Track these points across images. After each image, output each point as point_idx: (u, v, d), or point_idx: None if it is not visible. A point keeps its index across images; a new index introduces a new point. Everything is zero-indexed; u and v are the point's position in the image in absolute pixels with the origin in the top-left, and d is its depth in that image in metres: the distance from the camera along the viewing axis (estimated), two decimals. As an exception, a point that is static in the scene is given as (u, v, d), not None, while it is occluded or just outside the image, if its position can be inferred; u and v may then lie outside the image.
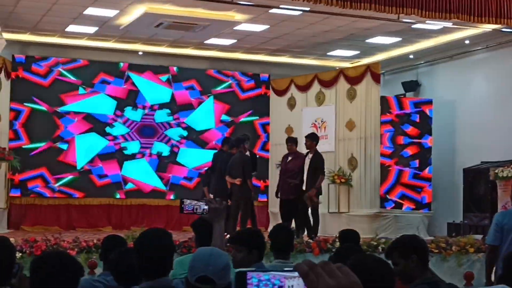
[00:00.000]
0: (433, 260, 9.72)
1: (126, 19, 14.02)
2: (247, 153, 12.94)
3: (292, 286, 1.54)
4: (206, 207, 4.49)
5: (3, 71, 14.74)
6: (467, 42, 15.31)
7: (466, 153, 15.66)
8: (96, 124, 16.15)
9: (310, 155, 12.62)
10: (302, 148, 13.15)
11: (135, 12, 13.57)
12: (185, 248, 9.41)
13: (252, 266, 4.96)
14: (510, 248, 6.41)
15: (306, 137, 12.89)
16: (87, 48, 16.02)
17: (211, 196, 13.17)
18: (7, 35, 14.45)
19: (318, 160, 12.53)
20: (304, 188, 12.47)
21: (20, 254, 8.65)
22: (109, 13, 13.62)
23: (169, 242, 4.10)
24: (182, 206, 4.43)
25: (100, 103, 16.24)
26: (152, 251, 3.93)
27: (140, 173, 16.44)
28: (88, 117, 16.10)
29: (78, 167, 15.95)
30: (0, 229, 13.81)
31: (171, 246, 4.12)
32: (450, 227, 15.03)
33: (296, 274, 1.50)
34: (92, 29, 14.87)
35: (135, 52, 16.45)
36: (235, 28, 14.58)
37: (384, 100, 15.53)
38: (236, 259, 4.92)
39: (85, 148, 16.02)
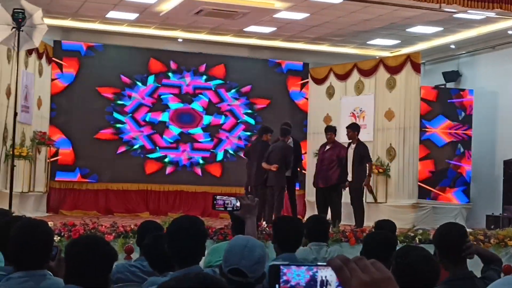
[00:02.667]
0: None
1: (166, 6, 14.06)
2: (290, 142, 12.89)
3: (326, 276, 1.54)
4: (237, 203, 4.50)
5: (44, 56, 14.89)
6: (510, 32, 15.07)
7: (507, 144, 15.46)
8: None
9: (353, 145, 12.57)
10: (340, 137, 13.11)
11: (176, -1, 13.61)
12: (221, 235, 9.43)
13: (283, 257, 4.94)
14: None
15: (347, 127, 12.84)
16: (127, 35, 16.10)
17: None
18: (49, 21, 14.57)
19: (364, 149, 12.53)
20: (350, 178, 12.43)
21: (59, 237, 8.75)
22: (150, -1, 13.69)
23: (201, 229, 4.05)
24: (214, 202, 4.45)
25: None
26: (182, 238, 3.92)
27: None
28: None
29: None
30: (40, 212, 14.01)
31: (203, 233, 4.07)
32: (489, 219, 14.87)
33: (330, 268, 1.50)
34: (132, 16, 14.95)
35: (174, 39, 16.49)
36: (275, 15, 14.54)
37: (423, 90, 15.39)
38: None
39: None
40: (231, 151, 16.94)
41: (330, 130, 13.00)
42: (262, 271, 3.61)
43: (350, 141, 12.67)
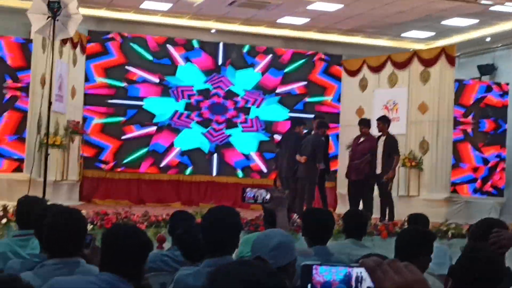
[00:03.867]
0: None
1: (200, -3, 14.10)
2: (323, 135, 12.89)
3: (361, 272, 1.54)
4: (267, 195, 4.50)
5: (78, 46, 14.99)
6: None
7: (542, 139, 15.28)
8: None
9: (382, 138, 12.53)
10: (373, 130, 13.07)
11: (209, -10, 13.64)
12: (252, 226, 9.46)
13: (315, 249, 4.91)
14: None
15: (377, 120, 12.81)
16: (161, 25, 16.17)
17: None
18: (84, 10, 14.67)
19: (392, 142, 12.47)
20: (379, 171, 12.40)
21: (92, 226, 8.84)
22: (184, -10, 13.72)
23: (236, 221, 4.07)
24: (244, 194, 4.45)
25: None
26: (218, 229, 3.94)
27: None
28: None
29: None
30: (72, 201, 14.13)
31: (238, 225, 4.09)
32: (523, 214, 14.72)
33: (362, 267, 1.51)
34: (166, 6, 15.00)
35: (207, 29, 16.52)
36: (308, 7, 14.50)
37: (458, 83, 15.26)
38: None
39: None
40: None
41: (364, 123, 12.97)
42: (285, 259, 3.59)
43: (380, 133, 12.63)
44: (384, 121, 12.70)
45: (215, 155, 16.66)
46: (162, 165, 16.23)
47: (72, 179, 14.53)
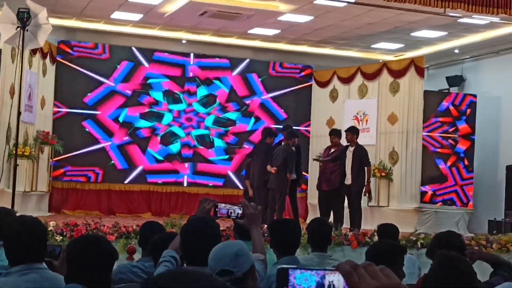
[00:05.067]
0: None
1: (171, 7, 14.07)
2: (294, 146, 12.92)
3: (332, 281, 1.54)
4: (240, 211, 4.48)
5: (48, 56, 14.90)
6: (514, 37, 15.08)
7: (510, 149, 15.45)
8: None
9: (351, 148, 12.59)
10: (344, 140, 13.13)
11: (180, 0, 13.61)
12: (223, 237, 9.44)
13: (285, 260, 4.92)
14: None
15: (346, 130, 12.87)
16: (132, 35, 16.11)
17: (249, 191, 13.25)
18: (54, 20, 14.60)
19: (362, 153, 12.52)
20: (349, 182, 12.43)
21: (61, 237, 8.76)
22: (155, 0, 13.68)
23: (216, 232, 4.08)
24: (216, 210, 4.42)
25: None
26: (196, 239, 3.95)
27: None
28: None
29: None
30: (42, 212, 14.02)
31: (218, 236, 4.09)
32: (491, 225, 14.85)
33: (337, 272, 1.51)
34: (137, 16, 14.96)
35: (178, 40, 16.50)
36: (279, 18, 14.55)
37: (427, 95, 15.39)
38: None
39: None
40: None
41: (335, 134, 13.05)
42: (247, 264, 3.60)
43: (348, 144, 12.70)
44: (353, 132, 12.76)
45: (187, 165, 16.58)
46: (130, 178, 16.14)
47: (42, 190, 14.41)
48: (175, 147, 16.48)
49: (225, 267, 3.56)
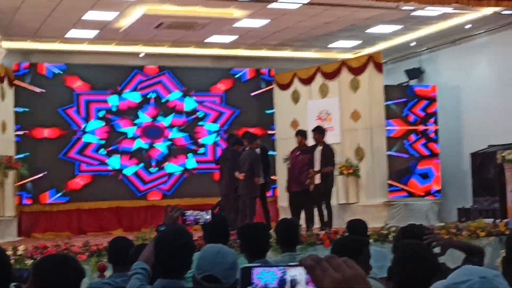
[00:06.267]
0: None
1: (126, 21, 14.02)
2: (258, 150, 12.94)
3: (295, 276, 1.54)
4: (208, 216, 4.47)
5: (5, 80, 14.76)
6: (468, 26, 15.25)
7: (473, 137, 15.62)
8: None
9: (319, 148, 12.64)
10: (310, 141, 13.19)
11: (135, 14, 13.57)
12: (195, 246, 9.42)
13: (257, 262, 4.94)
14: None
15: (313, 130, 12.93)
16: (89, 53, 16.02)
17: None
18: (8, 43, 14.49)
19: (329, 152, 12.59)
20: (317, 181, 12.51)
21: (32, 260, 8.68)
22: (109, 16, 13.62)
23: (188, 242, 4.05)
24: (184, 217, 4.39)
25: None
26: (169, 250, 3.93)
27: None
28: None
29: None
30: (11, 237, 13.84)
31: (190, 246, 4.07)
32: (461, 212, 15.01)
33: (300, 267, 1.51)
34: (92, 33, 14.88)
35: (136, 54, 16.43)
36: (234, 25, 14.57)
37: (388, 89, 15.51)
38: None
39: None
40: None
41: (301, 134, 13.10)
42: (235, 277, 3.62)
43: (315, 143, 12.75)
44: (319, 132, 12.82)
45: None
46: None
47: (9, 215, 14.23)
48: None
49: (216, 274, 3.55)
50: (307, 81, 16.47)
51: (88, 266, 8.57)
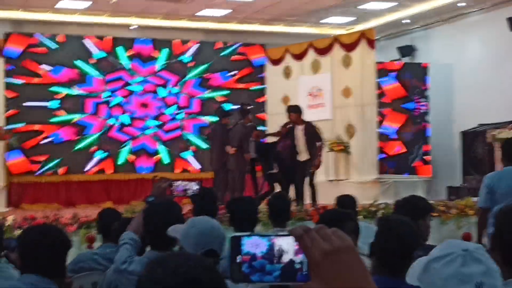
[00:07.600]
0: (433, 224, 9.68)
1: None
2: (249, 124, 12.85)
3: (281, 245, 1.54)
4: (197, 186, 4.42)
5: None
6: (461, 5, 15.21)
7: (463, 116, 15.65)
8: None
9: (300, 127, 12.29)
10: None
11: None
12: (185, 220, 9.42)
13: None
14: None
15: (288, 111, 12.53)
16: (80, 24, 15.90)
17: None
18: (-1, 13, 14.39)
19: (312, 129, 12.29)
20: (304, 158, 12.30)
21: (20, 231, 8.66)
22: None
23: (177, 214, 4.06)
24: (172, 188, 4.35)
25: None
26: (157, 222, 3.93)
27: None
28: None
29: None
30: (0, 207, 13.82)
31: (179, 218, 4.06)
32: (450, 191, 15.06)
33: (290, 237, 1.50)
34: (84, 4, 14.77)
35: (127, 26, 16.32)
36: (227, -2, 14.50)
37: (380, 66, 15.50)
38: None
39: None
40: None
41: (292, 110, 12.92)
42: (225, 248, 3.62)
43: (291, 125, 12.37)
44: (294, 111, 12.48)
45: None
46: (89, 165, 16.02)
47: (-2, 185, 14.22)
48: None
49: (216, 248, 3.55)
50: (299, 56, 16.40)
51: (77, 238, 8.56)
